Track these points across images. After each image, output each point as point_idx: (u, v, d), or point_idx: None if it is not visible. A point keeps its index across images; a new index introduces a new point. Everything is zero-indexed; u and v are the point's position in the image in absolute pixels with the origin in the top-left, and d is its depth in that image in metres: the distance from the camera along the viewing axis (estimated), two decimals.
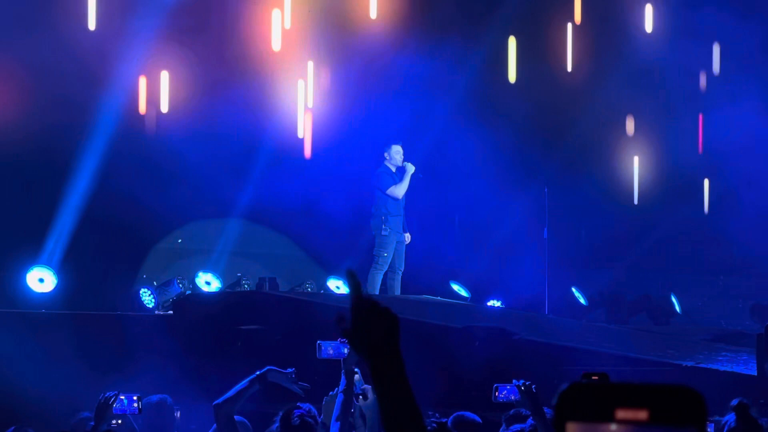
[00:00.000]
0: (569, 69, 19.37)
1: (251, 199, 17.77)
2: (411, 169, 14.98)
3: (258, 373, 6.95)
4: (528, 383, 6.80)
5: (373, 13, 18.45)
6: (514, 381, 6.89)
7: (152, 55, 17.02)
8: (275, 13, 17.98)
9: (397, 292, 15.15)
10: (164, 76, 17.59)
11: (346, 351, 6.77)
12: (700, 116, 19.74)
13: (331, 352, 6.88)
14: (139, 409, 7.01)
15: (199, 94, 17.26)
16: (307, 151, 18.47)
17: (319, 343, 6.82)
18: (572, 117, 19.05)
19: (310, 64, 18.37)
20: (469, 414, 7.01)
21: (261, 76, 17.90)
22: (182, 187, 16.80)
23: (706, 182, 19.69)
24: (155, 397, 7.66)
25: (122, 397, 6.95)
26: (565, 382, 2.37)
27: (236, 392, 6.93)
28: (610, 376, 5.13)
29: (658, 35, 19.37)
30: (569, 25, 19.41)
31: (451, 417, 7.04)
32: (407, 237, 15.21)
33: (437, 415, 7.21)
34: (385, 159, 15.05)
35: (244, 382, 6.94)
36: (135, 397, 6.99)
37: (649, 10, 19.49)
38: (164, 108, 17.60)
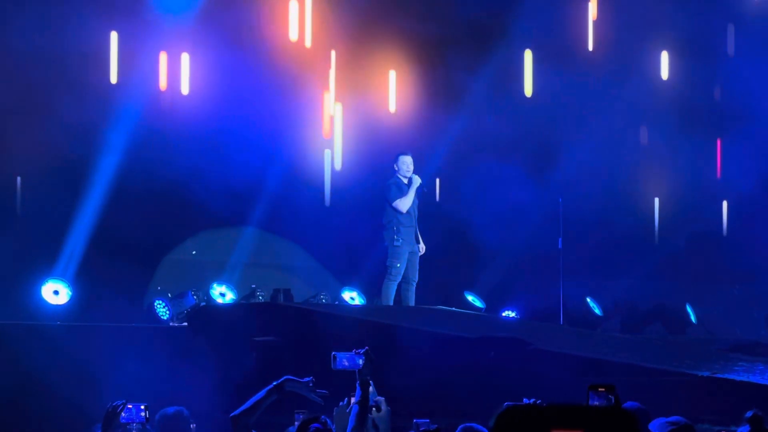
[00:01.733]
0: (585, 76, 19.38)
1: (266, 209, 17.80)
2: (417, 181, 14.97)
3: (275, 383, 6.93)
4: (539, 402, 6.71)
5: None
6: (524, 399, 6.76)
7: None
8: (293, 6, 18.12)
9: (411, 303, 15.13)
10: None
11: (361, 362, 6.77)
12: (719, 141, 19.75)
13: (346, 363, 6.88)
14: (147, 418, 7.00)
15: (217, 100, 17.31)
16: (337, 164, 18.56)
17: (334, 354, 6.82)
18: (588, 127, 19.03)
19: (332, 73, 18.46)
20: (477, 426, 6.99)
21: (282, 87, 17.93)
22: (196, 197, 16.85)
23: (725, 204, 19.68)
24: (171, 409, 7.65)
25: (130, 406, 6.95)
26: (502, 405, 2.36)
27: (253, 403, 6.89)
28: (616, 388, 5.11)
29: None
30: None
31: (459, 428, 7.01)
32: (421, 247, 15.18)
33: (427, 422, 7.16)
34: (396, 170, 15.04)
35: (262, 392, 6.91)
36: (143, 406, 6.98)
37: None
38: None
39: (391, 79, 19.01)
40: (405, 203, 14.93)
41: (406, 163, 14.98)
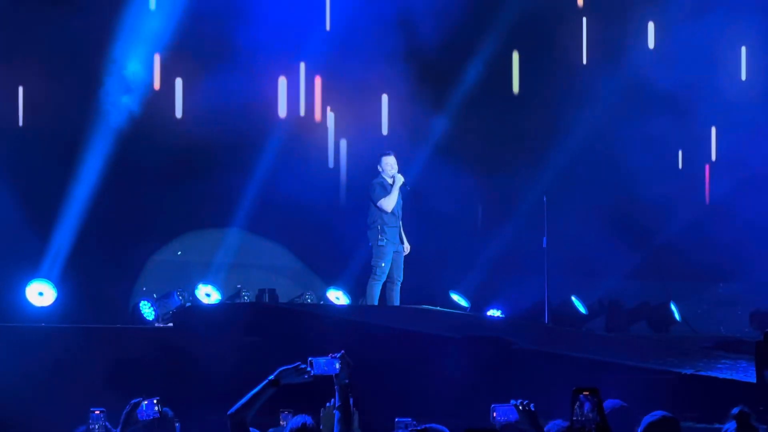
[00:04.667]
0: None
1: (250, 209, 17.81)
2: (400, 180, 14.97)
3: (270, 377, 6.87)
4: (526, 402, 6.75)
5: None
6: (511, 401, 6.82)
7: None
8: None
9: (396, 302, 15.15)
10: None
11: (338, 366, 6.68)
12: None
13: (323, 368, 6.78)
14: (160, 412, 6.96)
15: (203, 102, 17.30)
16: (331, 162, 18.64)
17: (310, 360, 6.72)
18: (571, 125, 19.08)
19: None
20: (438, 426, 7.00)
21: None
22: (181, 197, 16.86)
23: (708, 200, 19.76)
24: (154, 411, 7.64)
25: (145, 402, 6.93)
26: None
27: (250, 398, 6.85)
28: (600, 390, 5.16)
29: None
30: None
31: (419, 427, 7.02)
32: (406, 247, 15.20)
33: (414, 422, 7.15)
34: (380, 171, 15.06)
35: (258, 387, 6.86)
36: (155, 401, 6.94)
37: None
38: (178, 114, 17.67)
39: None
40: (389, 203, 14.93)
41: (389, 164, 14.99)
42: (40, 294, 15.65)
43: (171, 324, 14.78)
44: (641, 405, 7.17)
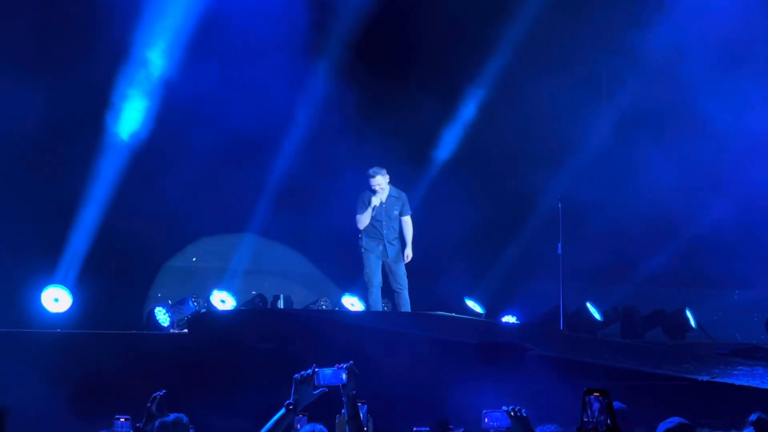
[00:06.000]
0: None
1: (265, 215, 17.83)
2: (374, 202, 15.21)
3: (288, 403, 6.76)
4: (518, 408, 6.71)
5: None
6: (503, 407, 6.79)
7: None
8: None
9: (405, 308, 15.23)
10: None
11: (344, 377, 6.60)
12: None
13: (329, 379, 6.69)
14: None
15: (214, 107, 17.31)
16: None
17: (316, 370, 6.65)
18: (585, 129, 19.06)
19: None
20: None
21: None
22: (196, 202, 16.88)
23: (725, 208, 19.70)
24: (171, 416, 7.66)
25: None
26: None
27: (272, 426, 6.79)
28: (610, 392, 5.17)
29: None
30: None
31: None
32: (407, 256, 15.32)
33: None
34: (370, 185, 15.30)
35: (276, 416, 6.76)
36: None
37: None
38: None
39: None
40: (362, 220, 15.27)
41: (375, 183, 15.23)
42: (56, 300, 15.68)
43: (186, 330, 14.79)
44: (657, 412, 7.17)
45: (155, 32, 16.70)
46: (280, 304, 16.82)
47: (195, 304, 15.96)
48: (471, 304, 18.20)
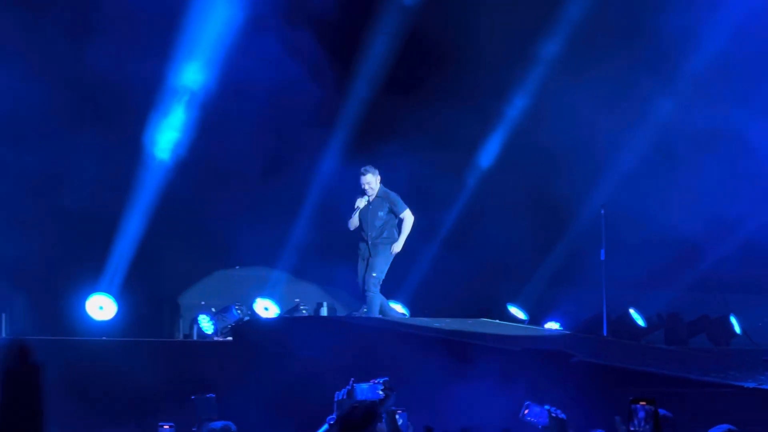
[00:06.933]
0: None
1: (307, 224, 17.86)
2: (358, 204, 15.17)
3: (330, 420, 6.70)
4: (559, 411, 6.66)
5: None
6: (545, 405, 6.74)
7: None
8: None
9: (366, 303, 15.18)
10: None
11: (381, 393, 6.52)
12: None
13: (366, 393, 6.60)
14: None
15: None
16: None
17: (353, 385, 6.58)
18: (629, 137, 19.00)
19: None
20: None
21: None
22: (238, 214, 16.94)
23: None
24: (218, 424, 7.70)
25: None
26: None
27: None
28: (656, 401, 5.15)
29: None
30: None
31: None
32: (393, 249, 15.23)
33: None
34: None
35: (320, 430, 6.71)
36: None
37: None
38: None
39: None
40: (350, 223, 15.32)
41: (362, 182, 15.21)
42: (101, 308, 15.77)
43: (230, 338, 14.84)
44: (704, 419, 7.13)
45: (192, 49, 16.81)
46: (323, 312, 16.84)
47: (239, 311, 16.01)
48: (514, 310, 18.17)
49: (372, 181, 15.21)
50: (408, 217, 15.29)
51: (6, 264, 15.63)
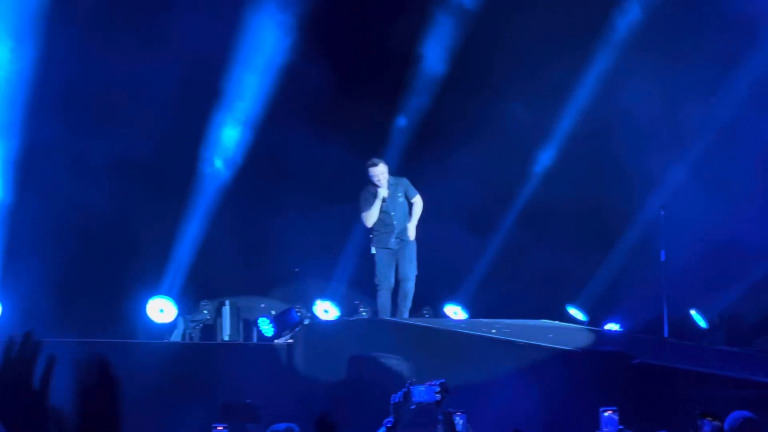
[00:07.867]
0: None
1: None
2: (380, 194, 14.79)
3: (388, 424, 6.69)
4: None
5: None
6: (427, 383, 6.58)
7: None
8: None
9: (408, 301, 14.94)
10: None
11: (437, 395, 6.50)
12: None
13: (423, 396, 6.59)
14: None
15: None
16: None
17: (410, 388, 6.55)
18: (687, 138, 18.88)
19: None
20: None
21: None
22: (300, 215, 17.00)
23: None
24: (282, 426, 7.71)
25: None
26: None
27: None
28: (722, 418, 5.14)
29: None
30: None
31: None
32: (410, 233, 14.90)
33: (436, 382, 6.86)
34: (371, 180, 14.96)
35: None
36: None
37: None
38: None
39: None
40: (369, 217, 14.83)
41: (375, 174, 14.85)
42: (161, 311, 15.88)
43: (290, 340, 14.89)
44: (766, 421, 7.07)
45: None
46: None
47: (299, 314, 16.05)
48: (574, 311, 18.09)
49: (385, 171, 14.88)
50: (420, 201, 15.10)
51: (68, 266, 15.73)
